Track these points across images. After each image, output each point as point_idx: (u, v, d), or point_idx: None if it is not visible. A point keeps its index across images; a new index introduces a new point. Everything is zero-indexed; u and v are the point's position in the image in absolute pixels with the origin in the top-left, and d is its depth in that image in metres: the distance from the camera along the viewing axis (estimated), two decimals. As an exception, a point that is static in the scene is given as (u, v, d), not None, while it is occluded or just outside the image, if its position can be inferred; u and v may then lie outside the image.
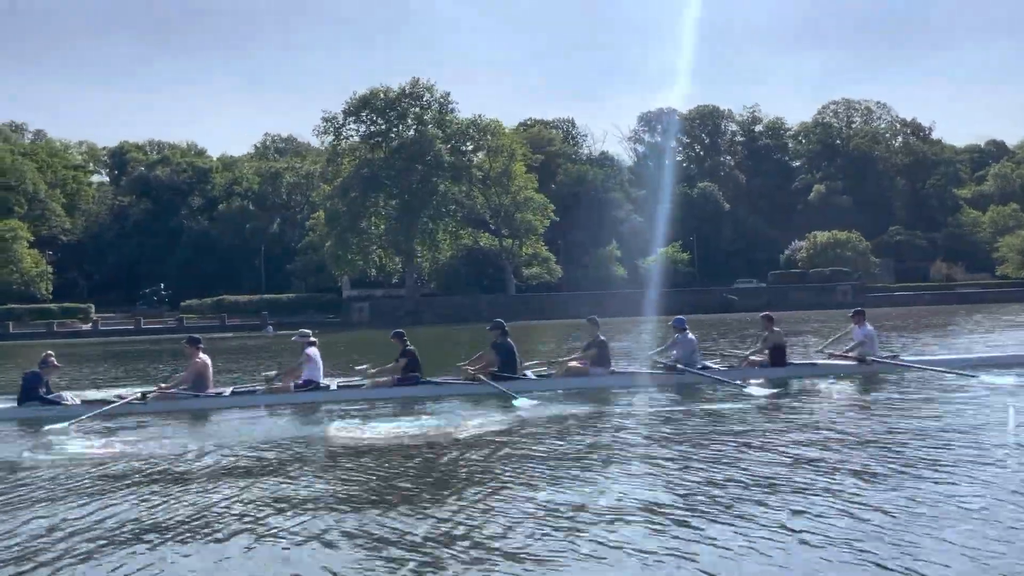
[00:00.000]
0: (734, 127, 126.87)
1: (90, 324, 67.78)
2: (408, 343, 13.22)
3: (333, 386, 13.15)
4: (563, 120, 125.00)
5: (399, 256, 73.69)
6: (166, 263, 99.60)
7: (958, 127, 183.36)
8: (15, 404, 12.19)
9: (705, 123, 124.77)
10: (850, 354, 14.19)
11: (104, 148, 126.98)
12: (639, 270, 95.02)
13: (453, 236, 72.22)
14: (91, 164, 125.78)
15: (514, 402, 11.37)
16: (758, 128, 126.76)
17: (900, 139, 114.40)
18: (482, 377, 12.90)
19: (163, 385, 12.98)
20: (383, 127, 71.25)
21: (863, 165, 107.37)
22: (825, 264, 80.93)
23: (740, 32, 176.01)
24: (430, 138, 68.75)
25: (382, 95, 70.45)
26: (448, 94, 73.14)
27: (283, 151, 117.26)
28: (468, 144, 73.26)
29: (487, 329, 13.67)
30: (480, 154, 73.62)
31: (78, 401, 12.27)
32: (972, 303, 68.36)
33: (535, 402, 11.38)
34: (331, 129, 71.95)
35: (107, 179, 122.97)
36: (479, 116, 73.98)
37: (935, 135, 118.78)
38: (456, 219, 71.99)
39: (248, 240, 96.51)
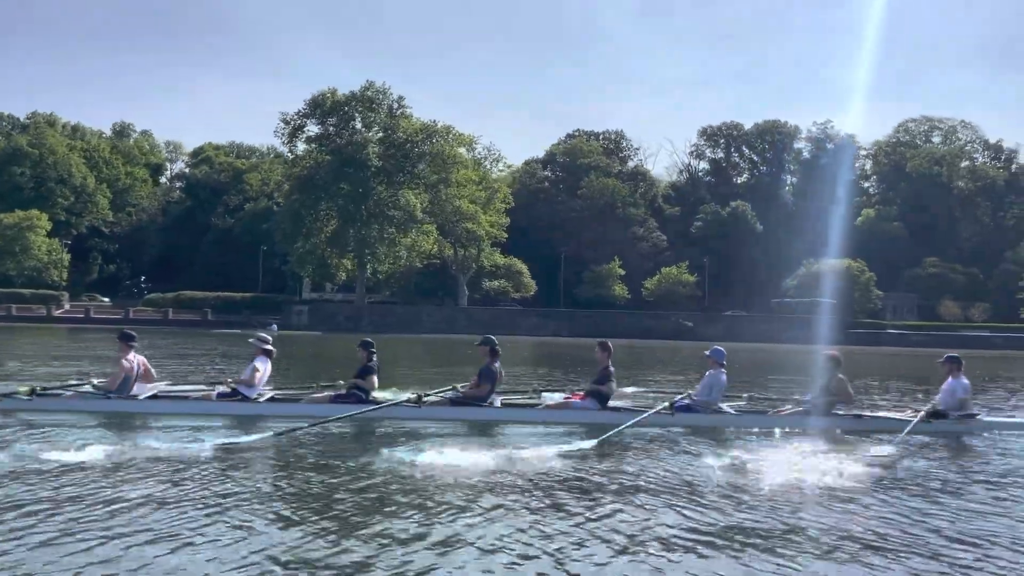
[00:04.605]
0: (800, 144, 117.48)
1: (45, 311, 71.06)
2: (374, 357, 11.91)
3: (264, 399, 12.01)
4: (612, 132, 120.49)
5: (348, 261, 72.77)
6: (193, 259, 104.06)
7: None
8: None
9: (765, 139, 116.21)
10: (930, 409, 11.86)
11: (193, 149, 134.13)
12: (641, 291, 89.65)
13: (390, 243, 70.20)
14: (171, 163, 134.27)
15: None
16: (830, 146, 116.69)
17: (976, 161, 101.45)
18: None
19: (101, 382, 12.16)
20: (331, 130, 70.69)
21: (923, 188, 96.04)
22: (818, 295, 72.65)
23: (927, 49, 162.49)
24: (363, 141, 67.43)
25: (329, 98, 69.88)
26: (402, 98, 71.79)
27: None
28: (418, 149, 71.08)
29: (476, 344, 12.25)
30: (425, 160, 71.23)
31: None
32: (974, 348, 58.69)
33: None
34: (286, 131, 72.15)
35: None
36: (433, 121, 72.00)
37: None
38: (396, 225, 69.93)
39: (263, 239, 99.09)
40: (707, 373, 12.16)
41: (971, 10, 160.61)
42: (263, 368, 11.81)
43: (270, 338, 12.38)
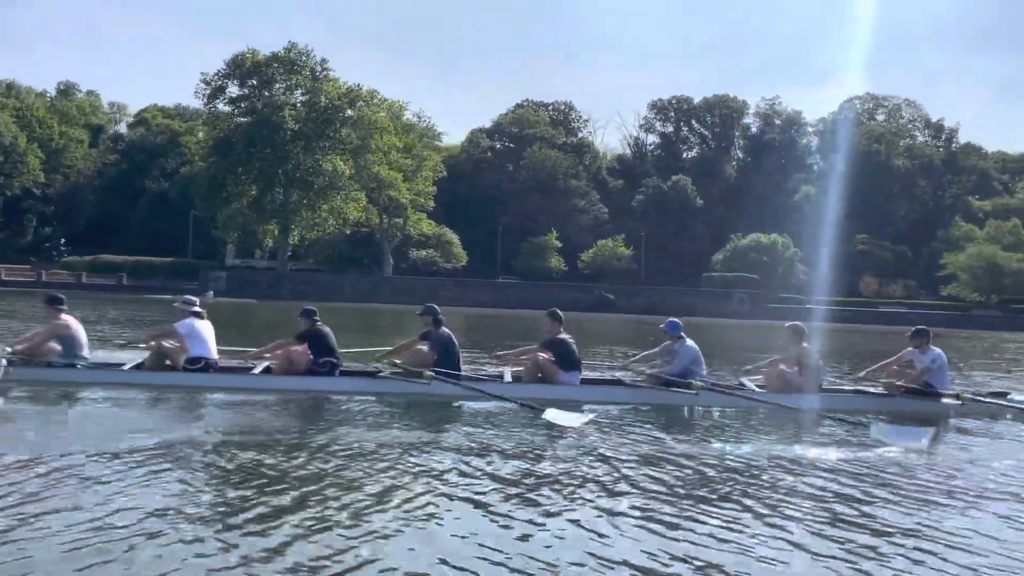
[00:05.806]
0: (749, 120, 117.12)
1: (-48, 273, 69.23)
2: (318, 323, 11.05)
3: (259, 369, 11.14)
4: (561, 103, 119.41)
5: (274, 227, 71.40)
6: (127, 222, 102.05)
7: None
8: None
9: (714, 113, 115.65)
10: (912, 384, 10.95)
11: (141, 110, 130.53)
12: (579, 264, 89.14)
13: (310, 208, 68.78)
14: (115, 124, 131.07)
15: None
16: (778, 122, 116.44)
17: (916, 139, 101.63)
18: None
19: (17, 347, 10.76)
20: (250, 92, 69.02)
21: (861, 166, 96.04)
22: (744, 270, 72.69)
23: (920, 29, 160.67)
24: (280, 104, 65.91)
25: (249, 59, 68.10)
26: (325, 61, 70.07)
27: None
28: (342, 114, 69.59)
29: (417, 315, 11.41)
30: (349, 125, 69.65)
31: None
32: (889, 324, 58.84)
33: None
34: (206, 92, 70.32)
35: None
36: (357, 85, 70.49)
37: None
38: (318, 191, 68.46)
39: (195, 204, 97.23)
40: (676, 347, 11.30)
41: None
42: (188, 332, 10.75)
43: (196, 300, 11.30)
